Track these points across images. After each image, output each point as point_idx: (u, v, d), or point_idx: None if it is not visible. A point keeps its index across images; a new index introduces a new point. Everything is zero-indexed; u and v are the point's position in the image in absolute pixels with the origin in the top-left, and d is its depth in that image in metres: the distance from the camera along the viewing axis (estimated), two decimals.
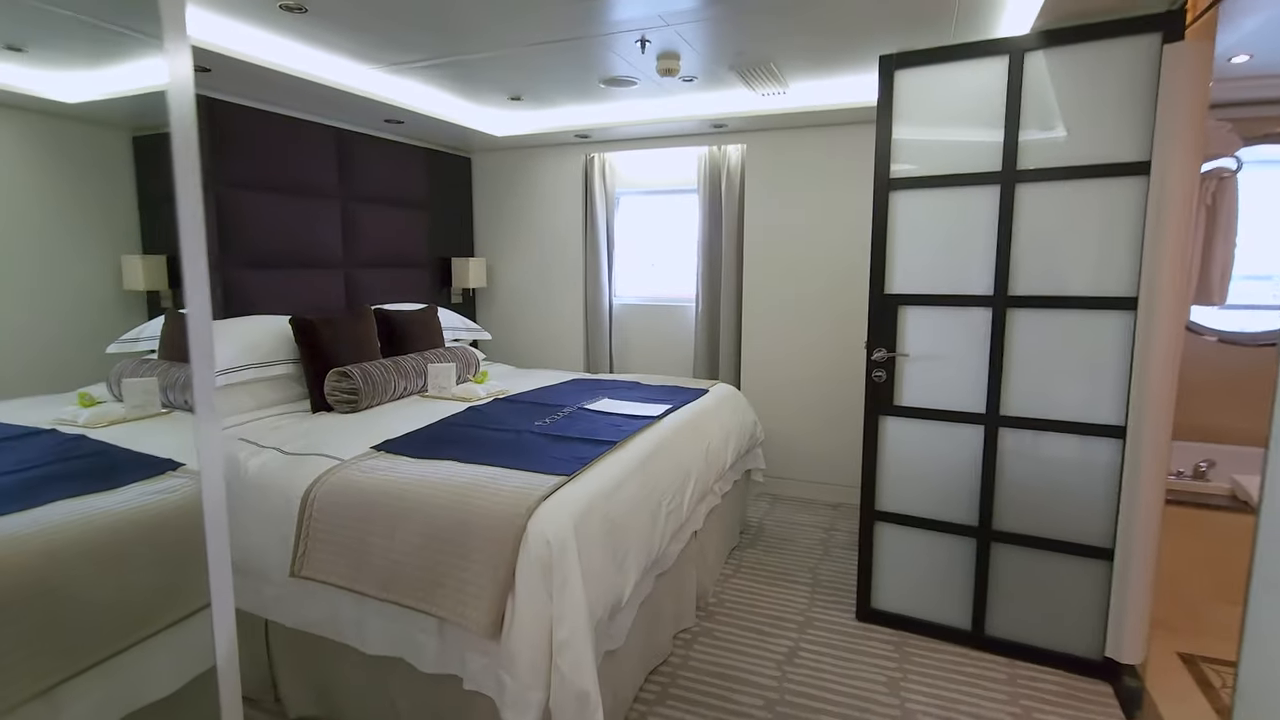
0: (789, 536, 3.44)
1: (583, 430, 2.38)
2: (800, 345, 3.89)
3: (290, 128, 3.26)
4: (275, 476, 2.04)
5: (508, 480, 1.87)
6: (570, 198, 4.34)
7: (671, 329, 4.34)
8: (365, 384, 2.72)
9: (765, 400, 3.98)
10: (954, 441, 2.39)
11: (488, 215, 4.63)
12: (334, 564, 1.86)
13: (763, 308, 3.95)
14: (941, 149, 2.31)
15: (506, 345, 4.68)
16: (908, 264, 2.40)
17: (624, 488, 2.01)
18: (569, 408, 2.71)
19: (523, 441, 2.25)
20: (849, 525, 3.55)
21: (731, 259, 4.01)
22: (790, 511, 3.79)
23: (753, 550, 3.27)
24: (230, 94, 2.96)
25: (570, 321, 4.45)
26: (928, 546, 2.49)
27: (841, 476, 3.87)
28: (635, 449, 2.26)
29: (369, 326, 3.07)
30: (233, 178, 3.01)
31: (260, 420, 2.52)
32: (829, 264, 3.76)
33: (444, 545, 1.74)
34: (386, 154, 3.87)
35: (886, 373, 2.46)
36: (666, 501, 2.22)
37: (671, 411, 2.74)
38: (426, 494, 1.83)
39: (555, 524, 1.70)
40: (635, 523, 2.00)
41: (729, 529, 3.17)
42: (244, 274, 3.07)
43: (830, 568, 3.09)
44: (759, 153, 3.84)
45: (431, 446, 2.18)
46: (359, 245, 3.70)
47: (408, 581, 1.76)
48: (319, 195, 3.44)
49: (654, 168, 4.27)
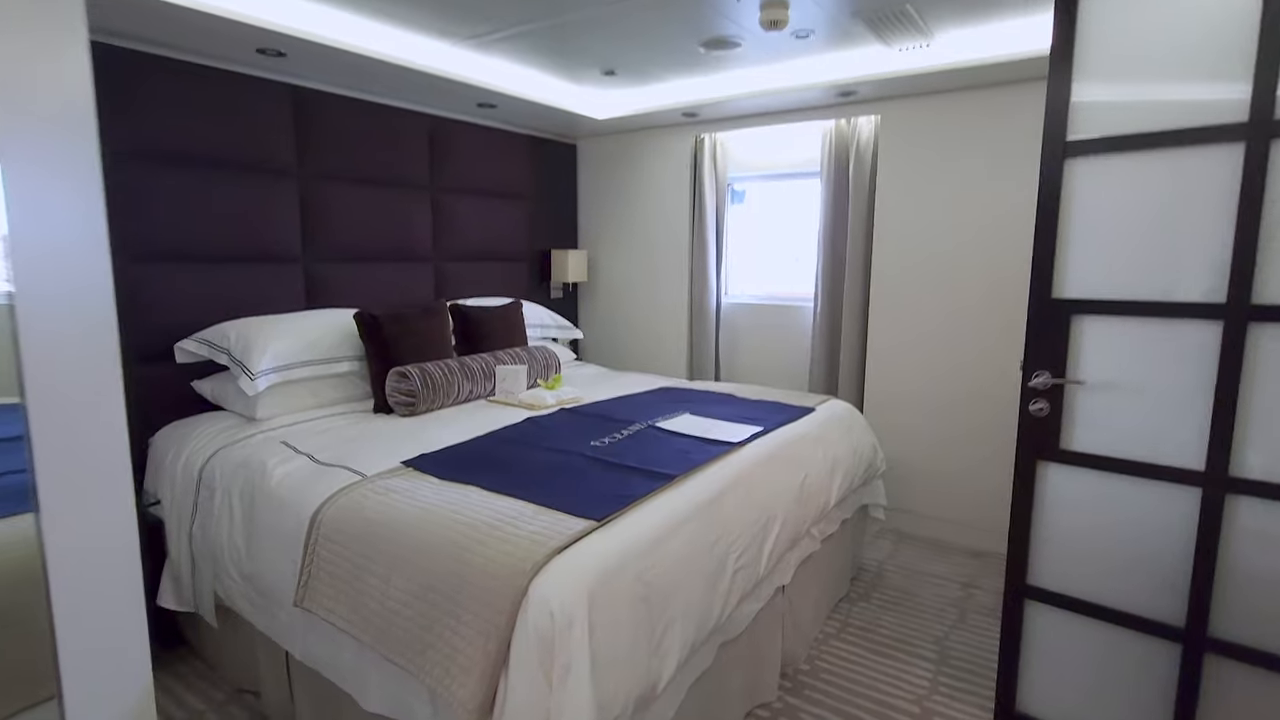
0: (913, 590, 2.81)
1: (642, 456, 1.98)
2: (942, 357, 3.21)
3: (378, 115, 3.15)
4: (295, 489, 1.85)
5: (525, 522, 1.52)
6: (677, 184, 3.93)
7: (786, 332, 3.80)
8: (424, 386, 2.51)
9: (893, 422, 3.34)
10: (1151, 507, 1.71)
11: (592, 205, 4.35)
12: (334, 600, 1.61)
13: (894, 310, 3.31)
14: (1143, 103, 1.64)
15: (606, 344, 4.39)
16: (1088, 258, 1.74)
17: (673, 538, 1.59)
18: (637, 424, 2.32)
19: (567, 467, 1.89)
20: (996, 584, 2.85)
21: (858, 252, 3.40)
22: (919, 557, 3.14)
23: (865, 604, 2.70)
24: (311, 80, 2.88)
25: (674, 320, 4.06)
26: (1103, 644, 1.82)
27: (991, 520, 3.15)
28: (699, 485, 1.83)
29: (442, 323, 2.87)
30: (317, 168, 2.93)
31: (313, 421, 2.39)
32: (983, 261, 3.05)
33: (438, 600, 1.43)
34: (483, 142, 3.69)
35: (1050, 405, 1.82)
36: (736, 555, 1.77)
37: (760, 435, 2.26)
38: (429, 533, 1.53)
39: (564, 588, 1.33)
40: (685, 585, 1.57)
41: (834, 576, 2.63)
42: (327, 268, 3.00)
43: (964, 640, 2.45)
44: (896, 124, 3.20)
45: (464, 466, 1.89)
46: (451, 237, 3.56)
47: (400, 636, 1.47)
48: (408, 185, 3.32)
49: (771, 147, 3.74)
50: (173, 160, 2.48)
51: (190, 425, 2.37)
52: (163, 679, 2.20)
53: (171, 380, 2.53)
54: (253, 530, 1.89)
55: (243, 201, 2.68)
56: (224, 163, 2.62)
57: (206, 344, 2.45)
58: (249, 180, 2.69)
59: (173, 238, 2.49)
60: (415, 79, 2.88)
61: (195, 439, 2.25)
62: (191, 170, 2.52)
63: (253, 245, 2.73)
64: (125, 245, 2.38)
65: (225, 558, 1.96)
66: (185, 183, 2.51)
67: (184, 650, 2.35)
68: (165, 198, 2.46)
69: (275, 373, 2.34)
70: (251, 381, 2.27)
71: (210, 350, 2.43)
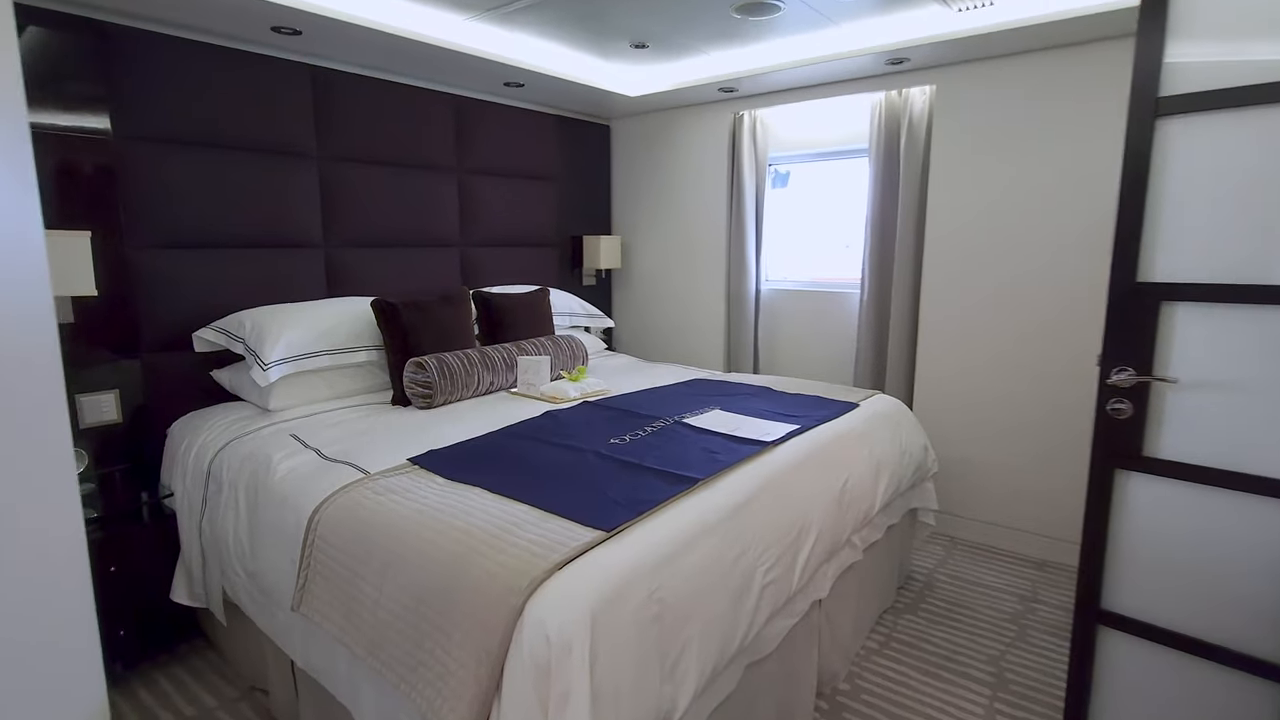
0: (966, 602, 2.58)
1: (663, 456, 1.82)
2: (1002, 348, 2.94)
3: (401, 95, 3.05)
4: (296, 486, 1.75)
5: (527, 531, 1.38)
6: (714, 164, 3.73)
7: (829, 321, 3.57)
8: (441, 377, 2.40)
9: (945, 418, 3.09)
10: (1252, 525, 1.46)
11: (625, 188, 4.18)
12: (330, 607, 1.51)
13: (948, 297, 3.04)
14: (1256, 52, 1.37)
15: (640, 333, 4.23)
16: (1182, 236, 1.49)
17: (692, 551, 1.43)
18: (662, 420, 2.16)
19: (581, 467, 1.75)
20: (1060, 598, 2.60)
21: (909, 234, 3.15)
22: (973, 564, 2.89)
23: (912, 617, 2.48)
24: (331, 60, 2.78)
25: (710, 308, 3.86)
26: (1190, 681, 1.58)
27: (1054, 527, 2.89)
28: (725, 490, 1.66)
29: (464, 311, 2.76)
30: (338, 151, 2.84)
31: (327, 413, 2.31)
32: (1050, 243, 2.77)
33: (430, 614, 1.30)
34: (510, 122, 3.55)
35: (1133, 405, 1.58)
36: (765, 568, 1.60)
37: (796, 434, 2.07)
38: (424, 539, 1.41)
39: (564, 609, 1.18)
40: (705, 603, 1.41)
41: (878, 586, 2.42)
42: (349, 254, 2.92)
43: (1025, 661, 2.22)
44: (953, 95, 2.93)
45: (472, 464, 1.77)
46: (478, 223, 3.45)
47: (392, 650, 1.35)
48: (433, 168, 3.21)
49: (814, 124, 3.50)
50: (189, 144, 2.42)
51: (205, 416, 2.32)
52: (178, 673, 2.17)
53: (192, 369, 2.48)
54: (256, 527, 1.81)
55: (262, 186, 2.61)
56: (242, 146, 2.55)
57: (223, 333, 2.39)
58: (268, 164, 2.62)
59: (191, 224, 2.44)
60: (437, 56, 2.76)
61: (207, 430, 2.19)
62: (209, 154, 2.46)
63: (273, 231, 2.66)
64: (142, 232, 2.33)
65: (231, 554, 1.89)
66: (203, 167, 2.45)
67: (201, 643, 2.32)
68: (182, 183, 2.40)
69: (288, 363, 2.26)
70: (264, 372, 2.20)
71: (227, 339, 2.37)
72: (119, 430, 2.35)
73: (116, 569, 2.01)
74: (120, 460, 2.35)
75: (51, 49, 2.12)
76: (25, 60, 2.03)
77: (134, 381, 2.36)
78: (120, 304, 2.31)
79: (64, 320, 2.19)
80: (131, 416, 2.37)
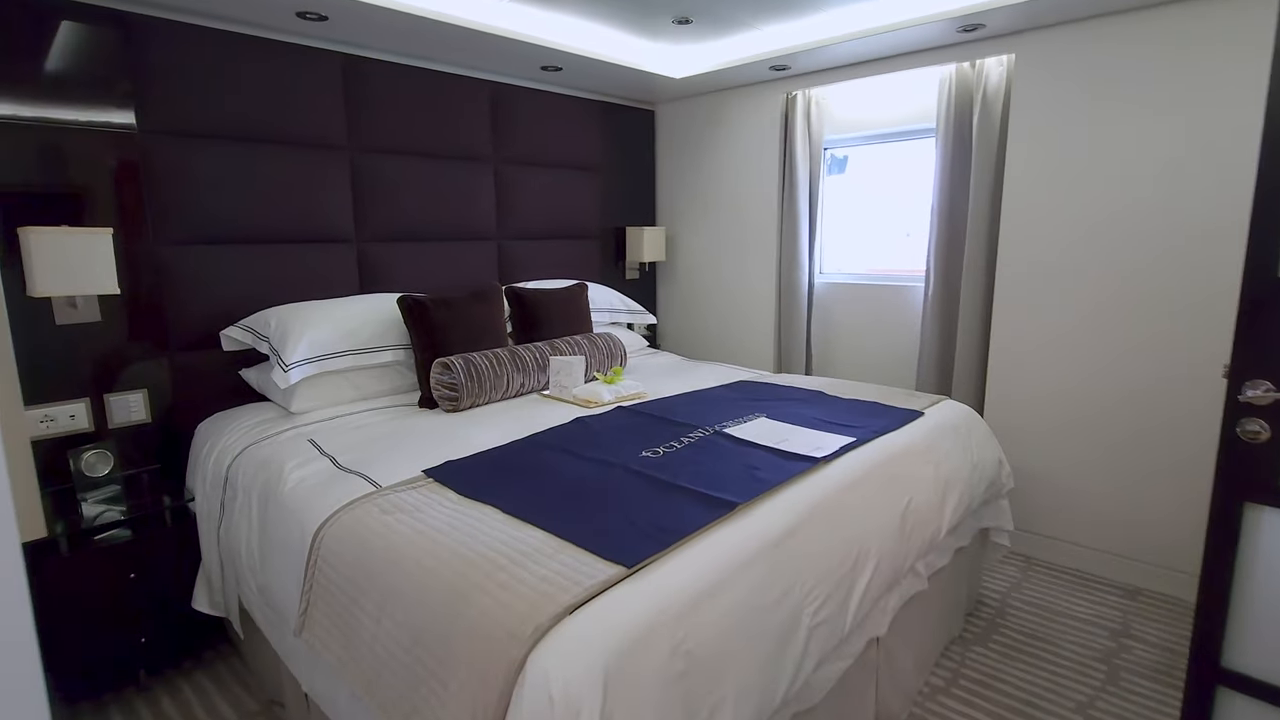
0: (1047, 634, 2.30)
1: (699, 474, 1.62)
2: (1089, 349, 2.62)
3: (434, 82, 2.93)
4: (304, 499, 1.64)
5: (540, 563, 1.22)
6: (765, 149, 3.48)
7: (890, 317, 3.29)
8: (468, 379, 2.26)
9: (1021, 427, 2.79)
10: None
11: (671, 177, 3.98)
12: (329, 635, 1.39)
13: (1026, 290, 2.73)
14: None
15: (686, 330, 4.03)
16: None
17: (727, 592, 1.24)
18: (701, 430, 1.96)
19: (608, 485, 1.57)
20: (1158, 635, 2.28)
21: (981, 221, 2.84)
22: (1053, 589, 2.59)
23: (983, 650, 2.22)
24: (360, 47, 2.68)
25: (759, 303, 3.63)
26: None
27: (1151, 548, 2.56)
28: (768, 517, 1.45)
29: (495, 308, 2.62)
30: (370, 142, 2.74)
31: (348, 416, 2.20)
32: (1152, 231, 2.43)
33: (426, 657, 1.16)
34: (549, 109, 3.40)
35: (1270, 427, 1.30)
36: (814, 608, 1.39)
37: (852, 447, 1.84)
38: (426, 569, 1.26)
39: (573, 663, 1.01)
40: (742, 653, 1.21)
41: (944, 614, 2.18)
42: (381, 249, 2.82)
43: (1117, 709, 1.94)
44: (1035, 64, 2.61)
45: (489, 479, 1.62)
46: (515, 215, 3.31)
47: (387, 692, 1.21)
48: (469, 158, 3.09)
49: (875, 102, 3.21)
50: (216, 138, 2.35)
51: (229, 418, 2.26)
52: (202, 682, 2.11)
53: (222, 369, 2.43)
54: (266, 540, 1.71)
55: (292, 179, 2.53)
56: (271, 139, 2.47)
57: (250, 331, 2.32)
58: (298, 157, 2.54)
59: (219, 220, 2.37)
60: (470, 39, 2.62)
61: (229, 433, 2.12)
62: (237, 148, 2.39)
63: (303, 226, 2.58)
64: (169, 229, 2.27)
65: (244, 565, 1.80)
66: (231, 161, 2.38)
67: (227, 650, 2.26)
68: (210, 178, 2.34)
69: (310, 364, 2.16)
70: (285, 373, 2.11)
71: (254, 338, 2.30)
72: (148, 430, 2.31)
73: (137, 574, 1.96)
74: (149, 461, 2.32)
75: (76, 44, 2.06)
76: (52, 57, 1.99)
77: (163, 381, 2.32)
78: (148, 302, 2.26)
79: (91, 319, 2.15)
80: (162, 417, 2.33)
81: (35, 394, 2.08)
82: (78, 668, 1.91)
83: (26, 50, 1.99)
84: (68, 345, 2.13)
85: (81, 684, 1.95)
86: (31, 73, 2.00)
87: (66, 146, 2.08)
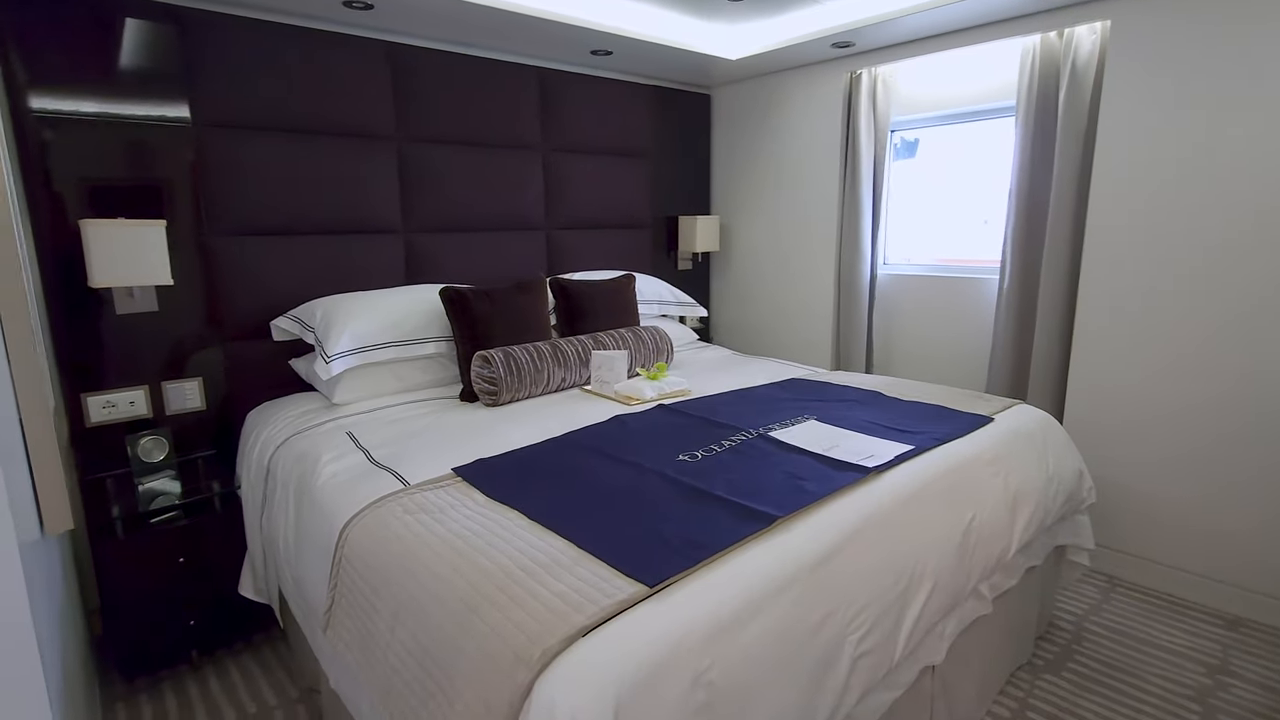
0: (1129, 665, 2.08)
1: (737, 483, 1.51)
2: (1184, 350, 2.34)
3: (482, 70, 2.88)
4: (335, 495, 1.62)
5: (556, 575, 1.14)
6: (826, 132, 3.29)
7: (961, 312, 3.06)
8: (507, 372, 2.22)
9: (1106, 435, 2.53)
10: None
11: (726, 164, 3.83)
12: (351, 636, 1.36)
13: (1116, 285, 2.47)
14: None
15: (741, 323, 3.89)
16: None
17: (758, 618, 1.13)
18: (744, 433, 1.84)
19: (639, 492, 1.48)
20: (1264, 673, 2.03)
21: (1065, 208, 2.59)
22: (1139, 614, 2.35)
23: (1055, 679, 2.03)
24: (407, 35, 2.65)
25: (817, 296, 3.45)
26: None
27: (1255, 574, 2.29)
28: (809, 532, 1.33)
29: (538, 300, 2.57)
30: (417, 132, 2.73)
31: (388, 409, 2.19)
32: (1270, 219, 2.14)
33: (434, 671, 1.10)
34: (600, 95, 3.31)
35: None
36: (859, 635, 1.27)
37: (909, 457, 1.69)
38: (440, 577, 1.21)
39: (582, 691, 0.93)
40: (774, 684, 1.11)
41: (1010, 638, 1.99)
42: (429, 239, 2.81)
43: None
44: (1135, 33, 2.33)
45: (517, 480, 1.56)
46: (565, 204, 3.25)
47: (399, 703, 1.17)
48: (517, 147, 3.04)
49: (948, 79, 2.97)
50: (266, 130, 2.37)
51: (276, 407, 2.29)
52: (249, 665, 2.16)
53: (273, 358, 2.47)
54: (300, 533, 1.71)
55: (340, 170, 2.54)
56: (319, 130, 2.48)
57: (298, 322, 2.35)
58: (345, 148, 2.55)
59: (269, 211, 2.40)
60: (516, 24, 2.56)
61: (273, 423, 2.15)
62: (286, 140, 2.41)
63: (351, 217, 2.59)
64: (221, 221, 2.31)
65: (281, 556, 1.81)
66: (280, 153, 2.40)
67: (275, 634, 2.31)
68: (260, 170, 2.37)
69: (351, 355, 2.16)
70: (326, 365, 2.11)
71: (301, 328, 2.33)
72: (204, 418, 2.37)
73: (186, 558, 2.01)
74: (204, 447, 2.38)
75: (136, 41, 2.11)
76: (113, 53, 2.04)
77: (217, 369, 2.38)
78: (202, 292, 2.31)
79: (148, 309, 2.22)
80: (216, 404, 2.39)
81: (98, 381, 2.16)
82: (134, 645, 1.98)
83: (90, 48, 2.04)
84: (128, 334, 2.20)
85: (138, 661, 2.02)
86: (94, 70, 2.05)
87: (127, 141, 2.13)
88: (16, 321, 1.05)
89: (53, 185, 2.03)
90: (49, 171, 2.01)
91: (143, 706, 1.97)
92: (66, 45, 2.00)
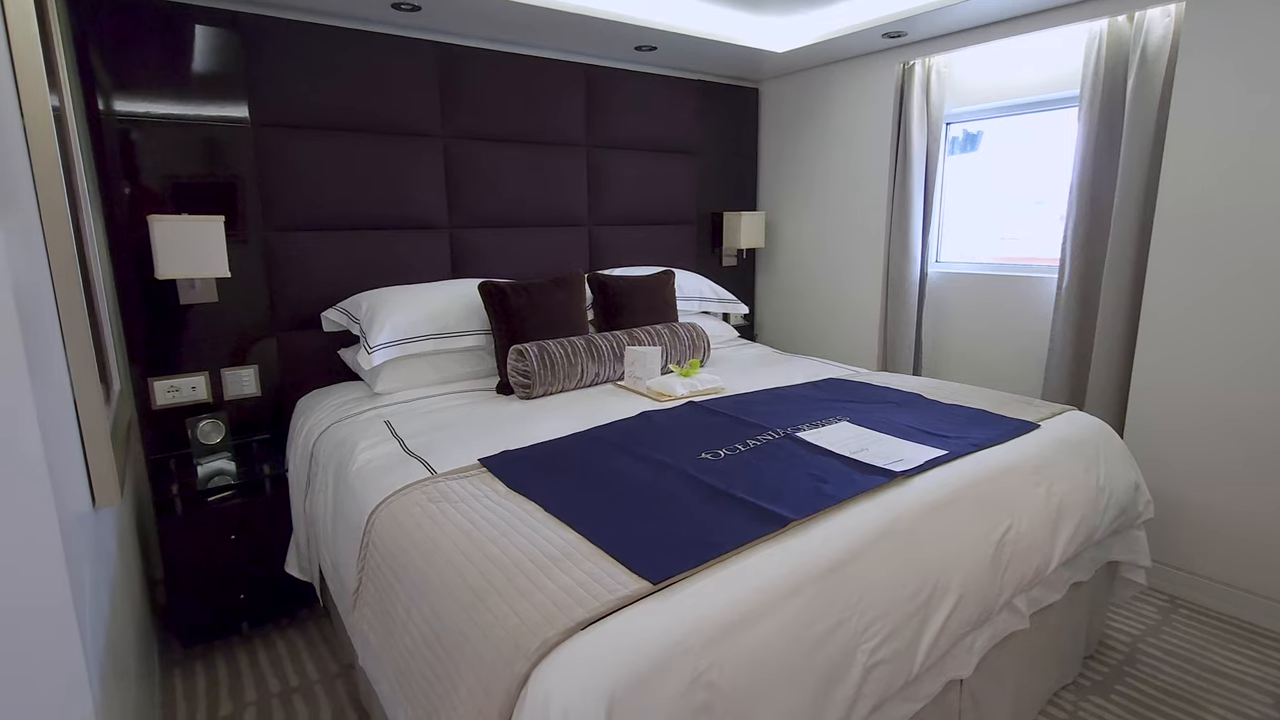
0: (1187, 693, 1.95)
1: (756, 483, 1.49)
2: (1259, 356, 2.17)
3: (528, 67, 2.92)
4: (367, 481, 1.69)
5: (564, 568, 1.16)
6: (876, 126, 3.20)
7: (1016, 312, 2.92)
8: (541, 366, 2.25)
9: (1171, 446, 2.38)
10: None
11: (773, 159, 3.77)
12: (376, 617, 1.42)
13: (1187, 286, 2.31)
14: None
15: (785, 321, 3.82)
16: None
17: (765, 619, 1.11)
18: (771, 433, 1.82)
19: (658, 488, 1.48)
20: None
21: (1131, 204, 2.43)
22: (1201, 638, 2.20)
23: (1102, 701, 1.92)
24: (454, 35, 2.72)
25: (864, 294, 3.37)
26: None
27: None
28: (826, 535, 1.30)
29: (575, 295, 2.59)
30: (463, 129, 2.79)
31: (426, 399, 2.26)
32: None
33: (443, 656, 1.13)
34: (645, 90, 3.31)
35: None
36: (872, 644, 1.23)
37: (940, 462, 1.63)
38: (454, 565, 1.24)
39: (577, 685, 0.94)
40: (778, 689, 1.09)
41: (1053, 656, 1.90)
42: (473, 235, 2.88)
43: None
44: (1212, 14, 2.17)
45: (541, 472, 1.58)
46: (608, 200, 3.27)
47: (411, 686, 1.21)
48: (562, 143, 3.07)
49: (1006, 68, 2.83)
50: (319, 128, 2.48)
51: (324, 395, 2.39)
52: (294, 639, 2.27)
53: (323, 349, 2.58)
54: (337, 516, 1.79)
55: (389, 167, 2.63)
56: (369, 128, 2.57)
57: (345, 314, 2.44)
58: (393, 145, 2.63)
59: (321, 207, 2.51)
60: (562, 21, 2.59)
61: (319, 411, 2.24)
62: (337, 138, 2.51)
63: (398, 212, 2.68)
64: (276, 216, 2.43)
65: (321, 538, 1.90)
66: (332, 150, 2.50)
67: (320, 611, 2.42)
68: (313, 167, 2.47)
69: (393, 346, 2.24)
70: (368, 355, 2.19)
71: (348, 320, 2.42)
72: (259, 403, 2.50)
73: (237, 536, 2.13)
74: (258, 432, 2.51)
75: (202, 46, 2.24)
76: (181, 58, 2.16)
77: (271, 358, 2.50)
78: (258, 284, 2.44)
79: (209, 300, 2.35)
80: (271, 391, 2.52)
81: (164, 367, 2.31)
82: (192, 616, 2.11)
83: (161, 53, 2.18)
84: (190, 323, 2.34)
85: (195, 630, 2.15)
86: (165, 73, 2.19)
87: (192, 140, 2.26)
88: (71, 303, 1.14)
89: (125, 182, 2.17)
90: (122, 169, 2.16)
91: (198, 674, 2.10)
92: (141, 50, 2.14)
